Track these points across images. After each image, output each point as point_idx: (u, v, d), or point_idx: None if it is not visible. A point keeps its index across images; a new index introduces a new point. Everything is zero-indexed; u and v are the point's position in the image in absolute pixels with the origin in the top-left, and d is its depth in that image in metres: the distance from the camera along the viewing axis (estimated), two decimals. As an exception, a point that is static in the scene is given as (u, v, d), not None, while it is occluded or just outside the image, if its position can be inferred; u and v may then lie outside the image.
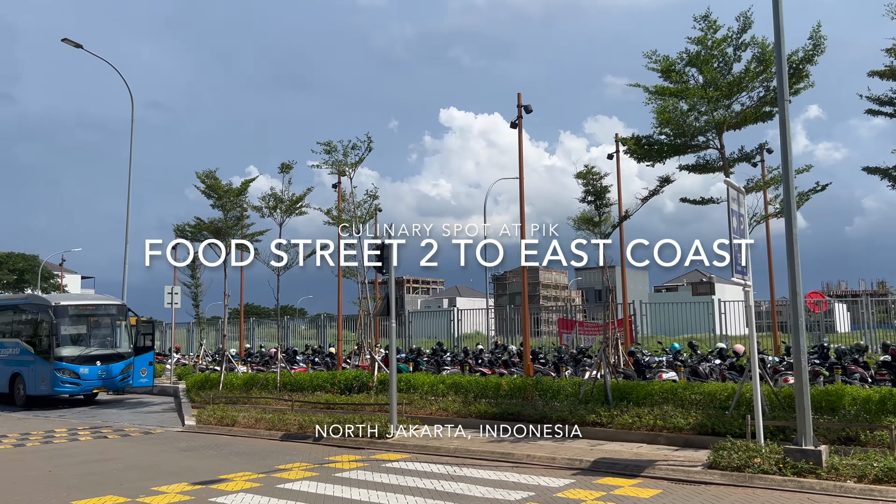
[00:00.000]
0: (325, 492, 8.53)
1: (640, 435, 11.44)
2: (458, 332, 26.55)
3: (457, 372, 18.70)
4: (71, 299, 21.46)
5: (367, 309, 19.39)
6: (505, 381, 14.57)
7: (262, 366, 24.10)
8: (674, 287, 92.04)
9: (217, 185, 21.43)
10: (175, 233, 22.71)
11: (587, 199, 13.58)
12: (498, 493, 8.32)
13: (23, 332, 20.86)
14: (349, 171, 17.87)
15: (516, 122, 15.59)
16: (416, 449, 11.43)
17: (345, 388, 16.82)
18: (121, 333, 21.06)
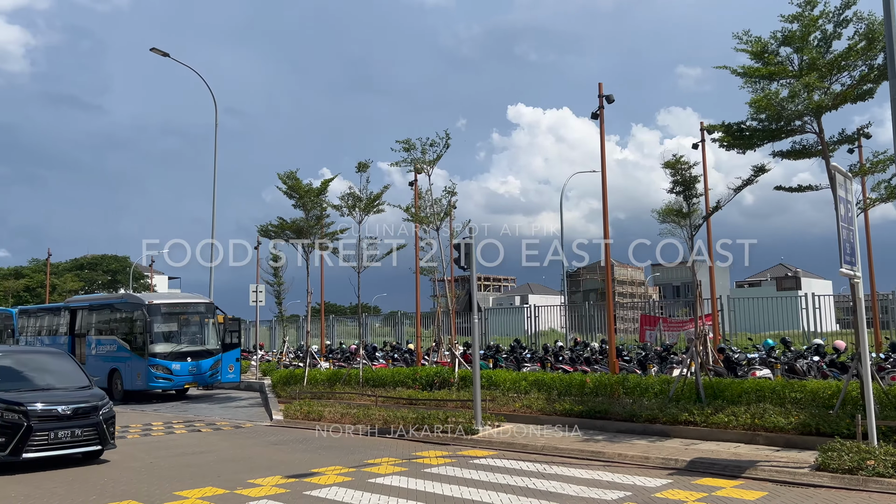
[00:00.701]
0: (416, 487, 8.51)
1: (736, 434, 10.96)
2: (535, 329, 26.23)
3: (537, 369, 18.47)
4: (163, 298, 22.34)
5: (446, 306, 19.39)
6: (590, 379, 14.27)
7: (344, 362, 24.50)
8: (757, 282, 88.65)
9: (298, 185, 21.87)
10: (259, 233, 23.35)
11: (675, 189, 13.12)
12: (593, 492, 8.11)
13: (119, 330, 21.87)
14: (427, 169, 17.89)
15: (597, 113, 15.23)
16: (502, 446, 11.31)
17: (426, 384, 16.87)
18: (209, 331, 21.80)
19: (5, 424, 9.85)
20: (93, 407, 10.58)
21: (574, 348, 21.22)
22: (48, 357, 12.37)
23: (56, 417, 10.17)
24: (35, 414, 10.01)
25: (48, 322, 25.77)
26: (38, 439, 9.93)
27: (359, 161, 19.44)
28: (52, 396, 10.58)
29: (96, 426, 10.47)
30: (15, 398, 10.19)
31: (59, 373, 11.57)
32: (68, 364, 12.06)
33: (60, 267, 59.55)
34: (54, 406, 10.28)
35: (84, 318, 23.56)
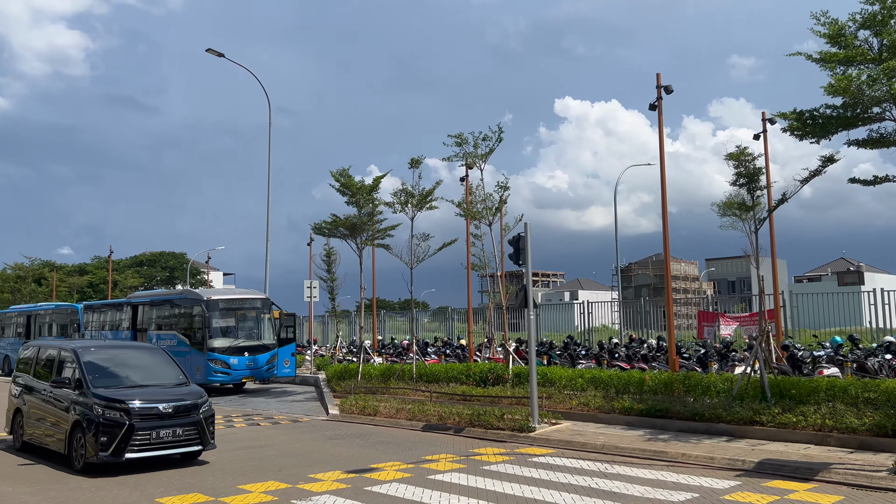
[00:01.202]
0: (475, 484, 8.44)
1: (805, 435, 10.56)
2: (587, 325, 25.87)
3: (592, 366, 18.21)
4: (221, 294, 22.79)
5: (498, 302, 19.25)
6: (649, 377, 13.97)
7: (396, 357, 24.63)
8: (816, 277, 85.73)
9: (351, 182, 22.03)
10: (313, 230, 23.63)
11: (739, 181, 12.70)
12: (658, 492, 7.90)
13: (178, 325, 22.41)
14: (479, 163, 17.78)
15: (655, 104, 14.87)
16: (560, 444, 11.15)
17: (480, 380, 16.80)
18: (265, 326, 22.16)
19: (106, 423, 9.37)
20: (193, 405, 10.04)
21: (629, 345, 20.85)
22: (143, 352, 11.97)
23: (157, 416, 9.66)
24: (136, 412, 9.51)
25: (111, 317, 26.61)
26: (140, 439, 9.43)
27: (411, 157, 19.48)
28: (152, 393, 10.04)
29: (197, 425, 9.93)
30: (115, 395, 9.70)
31: (155, 369, 11.04)
32: (164, 360, 11.47)
33: (121, 264, 61.57)
34: (155, 404, 9.74)
35: (145, 313, 24.24)
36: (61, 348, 11.19)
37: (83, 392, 9.84)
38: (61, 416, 10.12)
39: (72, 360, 10.55)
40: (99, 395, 9.65)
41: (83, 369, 10.16)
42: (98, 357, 10.73)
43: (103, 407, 9.49)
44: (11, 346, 32.50)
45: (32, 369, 11.66)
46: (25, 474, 9.60)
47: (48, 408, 10.58)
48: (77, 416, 9.67)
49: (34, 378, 11.41)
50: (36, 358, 11.76)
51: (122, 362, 10.96)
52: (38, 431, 10.81)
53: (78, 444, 9.62)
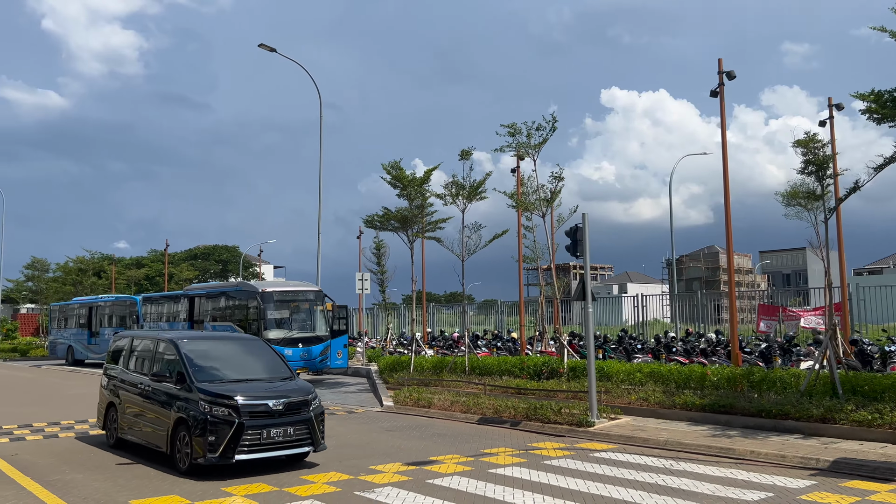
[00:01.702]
0: (539, 479, 8.30)
1: (881, 433, 10.10)
2: (641, 318, 25.37)
3: (649, 360, 17.84)
4: (275, 286, 23.09)
5: (553, 294, 19.02)
6: (710, 371, 13.59)
7: (446, 349, 24.61)
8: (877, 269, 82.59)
9: (402, 175, 22.06)
10: (365, 223, 23.77)
11: (807, 170, 12.21)
12: (730, 491, 7.63)
13: (234, 317, 22.80)
14: (532, 153, 17.54)
15: (717, 91, 14.41)
16: (620, 439, 10.92)
17: (534, 373, 16.61)
18: (318, 317, 22.36)
19: (214, 421, 8.51)
20: (303, 401, 9.17)
21: (686, 339, 20.37)
22: (243, 344, 10.93)
23: (267, 413, 8.80)
24: (245, 409, 8.65)
25: (168, 309, 27.27)
26: (250, 439, 8.58)
27: (461, 149, 19.36)
28: (259, 389, 9.17)
29: (308, 423, 9.06)
30: (222, 390, 8.86)
31: (258, 361, 10.16)
32: (265, 351, 10.61)
33: (176, 257, 63.20)
34: (264, 400, 8.85)
35: (201, 305, 24.74)
36: (158, 339, 10.44)
37: (186, 387, 9.06)
38: (162, 412, 9.37)
39: (171, 351, 9.81)
40: (204, 391, 8.82)
41: (185, 362, 9.37)
42: (198, 348, 9.92)
43: (209, 403, 8.67)
44: (75, 336, 33.66)
45: (126, 361, 10.98)
46: (127, 476, 8.77)
47: (146, 403, 9.84)
48: (180, 412, 8.91)
49: (128, 370, 10.75)
50: (129, 349, 11.09)
51: (223, 354, 10.16)
52: (135, 428, 10.10)
53: (182, 443, 8.84)
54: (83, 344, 32.62)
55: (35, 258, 49.52)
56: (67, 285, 46.13)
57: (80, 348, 32.76)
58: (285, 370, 10.11)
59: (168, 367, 9.68)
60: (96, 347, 31.77)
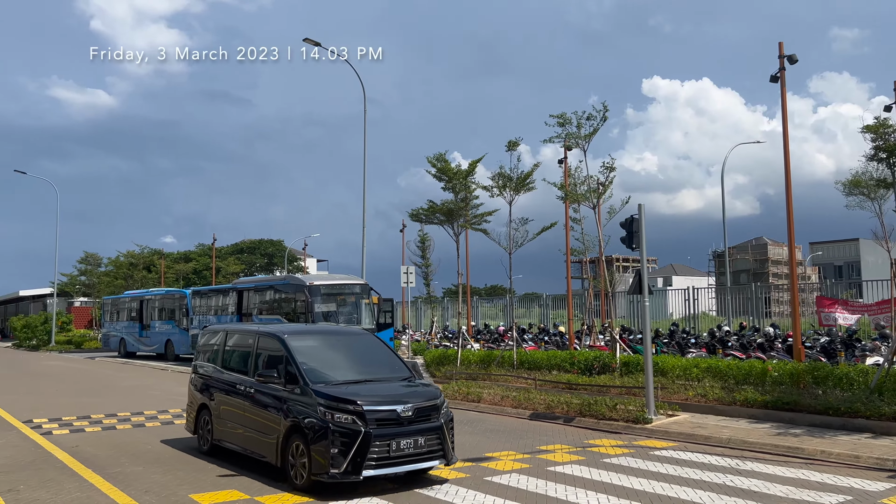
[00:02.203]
0: (600, 478, 8.06)
1: (961, 434, 9.57)
2: (692, 311, 24.75)
3: (703, 355, 17.37)
4: (322, 279, 23.18)
5: (606, 287, 18.66)
6: (772, 367, 13.11)
7: (492, 343, 24.41)
8: (935, 261, 79.48)
9: (447, 167, 21.85)
10: (410, 217, 23.65)
11: (877, 156, 11.64)
12: (804, 493, 7.28)
13: (281, 310, 22.96)
14: (582, 144, 17.15)
15: (777, 76, 13.85)
16: (680, 437, 10.59)
17: (585, 368, 16.30)
18: (364, 310, 22.38)
19: (338, 430, 7.28)
20: (433, 406, 7.89)
21: (740, 333, 19.78)
22: (352, 338, 9.63)
23: (395, 421, 7.53)
24: (372, 416, 7.42)
25: (217, 302, 27.64)
26: (378, 451, 7.32)
27: (509, 140, 19.07)
28: (382, 391, 7.97)
29: (438, 432, 7.75)
30: (342, 393, 7.65)
31: (373, 359, 9.00)
32: (379, 347, 9.40)
33: (223, 251, 64.22)
34: (391, 405, 7.62)
35: (249, 298, 25.00)
36: (258, 333, 9.22)
37: (299, 389, 7.89)
38: (269, 417, 8.18)
39: (275, 347, 8.65)
40: (322, 394, 7.62)
41: (294, 360, 8.19)
42: (306, 344, 8.74)
43: (329, 409, 7.45)
44: (126, 329, 34.44)
45: (220, 358, 9.82)
46: (187, 469, 8.64)
47: (249, 406, 8.66)
48: (294, 418, 7.70)
49: (223, 369, 9.63)
50: (223, 344, 9.92)
51: (334, 351, 9.00)
52: (234, 434, 8.97)
53: (297, 454, 7.63)
54: (135, 336, 33.35)
55: (88, 253, 50.94)
56: (119, 279, 47.27)
57: (132, 341, 33.50)
58: (404, 369, 8.82)
59: (273, 366, 8.46)
60: (147, 340, 32.46)
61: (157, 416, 13.33)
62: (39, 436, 11.25)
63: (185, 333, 29.08)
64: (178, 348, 29.66)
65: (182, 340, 29.35)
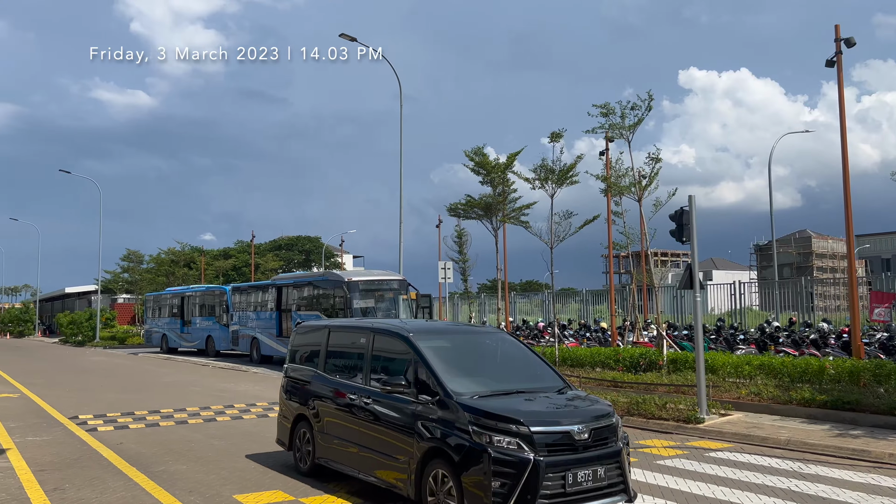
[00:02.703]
0: (655, 481, 7.72)
1: None
2: (739, 306, 24.03)
3: (753, 352, 16.80)
4: (360, 275, 23.11)
5: (652, 282, 18.18)
6: (829, 364, 12.55)
7: (532, 339, 24.06)
8: None
9: (485, 161, 21.58)
10: (448, 212, 23.46)
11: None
12: (877, 500, 6.85)
13: (320, 306, 22.94)
14: (627, 134, 16.71)
15: (834, 60, 13.26)
16: (735, 438, 10.15)
17: (630, 365, 15.87)
18: (402, 306, 22.22)
19: (499, 457, 5.66)
20: (609, 427, 6.19)
21: (790, 329, 19.11)
22: (487, 337, 7.88)
23: (569, 446, 5.86)
24: (542, 439, 5.76)
25: (256, 298, 27.79)
26: (552, 485, 5.68)
27: (552, 131, 18.73)
28: (546, 406, 6.28)
29: (617, 460, 6.09)
30: (498, 408, 5.96)
31: (516, 363, 7.37)
32: (519, 349, 7.65)
33: (261, 248, 64.95)
34: (564, 426, 5.94)
35: (288, 294, 25.05)
36: (375, 330, 7.63)
37: (439, 401, 6.22)
38: (396, 437, 6.61)
39: (400, 349, 7.09)
40: (472, 408, 5.96)
41: (429, 365, 6.55)
42: (437, 345, 7.07)
43: (485, 429, 5.80)
44: (168, 325, 34.92)
45: (322, 360, 8.28)
46: (230, 468, 8.40)
47: (366, 420, 7.09)
48: (433, 439, 6.12)
49: (326, 373, 8.11)
50: (325, 343, 8.36)
51: (469, 354, 7.41)
52: (346, 453, 7.39)
53: (440, 486, 6.05)
54: (176, 333, 33.80)
55: (130, 250, 51.91)
56: (160, 276, 48.08)
57: (174, 337, 33.96)
58: (553, 375, 7.16)
59: (398, 372, 6.97)
60: (188, 336, 32.87)
61: (200, 413, 13.33)
62: (85, 432, 11.31)
63: (225, 329, 29.34)
64: (219, 344, 29.94)
65: (222, 336, 29.62)
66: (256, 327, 26.66)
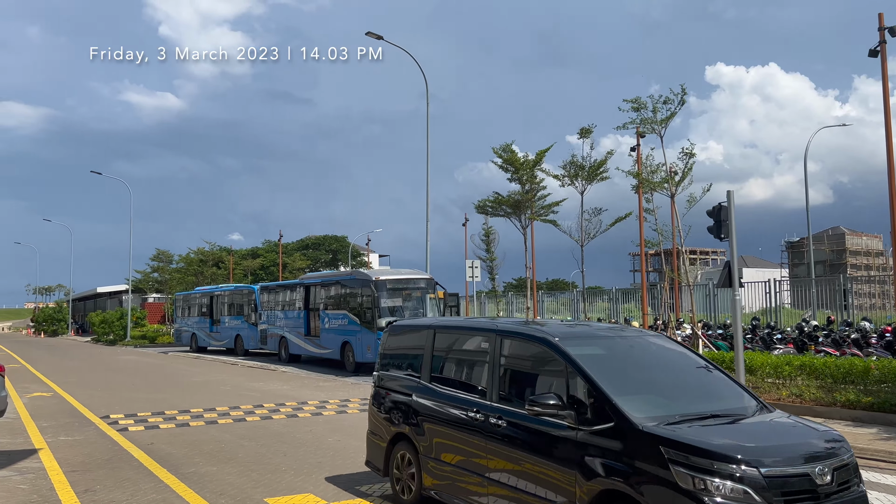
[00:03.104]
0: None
1: None
2: (775, 304, 23.46)
3: (790, 351, 16.33)
4: (388, 274, 22.98)
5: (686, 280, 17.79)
6: (875, 365, 12.10)
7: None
8: None
9: (514, 157, 21.33)
10: (476, 209, 23.23)
11: None
12: (937, 510, 6.50)
13: (348, 304, 22.86)
14: (659, 129, 16.35)
15: (877, 50, 12.80)
16: (778, 441, 9.78)
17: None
18: (430, 305, 22.05)
19: None
20: (850, 466, 4.79)
21: (828, 328, 18.56)
22: (645, 342, 6.15)
23: (810, 495, 4.43)
24: (776, 484, 4.34)
25: (284, 297, 27.84)
26: None
27: (581, 126, 18.43)
28: (762, 437, 4.83)
29: None
30: (712, 441, 4.52)
31: (691, 378, 5.75)
32: (684, 357, 6.01)
33: (289, 247, 65.39)
34: (800, 465, 4.50)
35: (316, 293, 25.03)
36: (501, 333, 6.06)
37: (613, 429, 4.75)
38: (547, 471, 5.14)
39: (543, 357, 5.60)
40: (667, 441, 4.51)
41: (591, 380, 5.03)
42: (591, 353, 5.50)
43: (692, 470, 4.35)
44: (197, 324, 35.19)
45: (426, 368, 6.78)
46: (261, 470, 8.28)
47: (498, 449, 5.58)
48: (610, 480, 4.67)
49: (433, 385, 6.60)
50: (430, 348, 6.85)
51: (634, 365, 5.79)
52: (468, 488, 5.93)
53: None
54: (205, 332, 34.04)
55: (159, 250, 52.41)
56: (189, 275, 48.50)
57: (203, 336, 34.21)
58: (740, 391, 5.70)
59: (539, 385, 5.61)
60: (217, 335, 33.08)
61: (229, 413, 13.29)
62: (116, 432, 11.31)
63: (253, 328, 29.46)
64: (247, 343, 30.07)
65: (251, 335, 29.75)
66: (285, 326, 26.70)
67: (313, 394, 16.28)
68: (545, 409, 5.07)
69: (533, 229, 24.38)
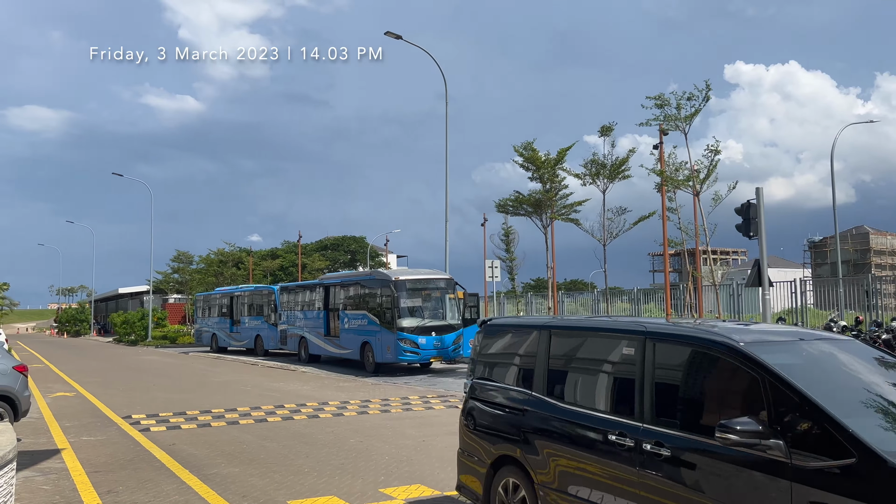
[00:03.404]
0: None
1: None
2: (800, 304, 23.04)
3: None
4: (408, 274, 22.86)
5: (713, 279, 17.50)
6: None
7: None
8: None
9: (535, 156, 21.15)
10: (497, 209, 23.07)
11: None
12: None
13: (368, 305, 22.77)
14: (683, 126, 16.10)
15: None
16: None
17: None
18: (450, 306, 21.91)
19: None
20: None
21: (857, 328, 18.16)
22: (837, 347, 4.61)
23: None
24: None
25: (304, 297, 27.84)
26: None
27: (602, 124, 18.22)
28: None
29: None
30: None
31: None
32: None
33: (308, 248, 65.59)
34: None
35: (336, 293, 24.98)
36: (655, 336, 4.73)
37: (853, 468, 3.42)
38: None
39: (724, 366, 4.25)
40: None
41: (812, 401, 3.72)
42: (790, 362, 4.19)
43: None
44: (218, 325, 35.35)
45: (541, 378, 5.48)
46: (283, 472, 8.27)
47: (659, 482, 4.30)
48: None
49: (552, 398, 5.33)
50: (545, 353, 5.54)
51: (847, 380, 4.41)
52: None
53: None
54: (225, 332, 34.17)
55: (180, 251, 52.91)
56: (209, 276, 48.82)
57: (223, 336, 34.34)
58: None
59: (710, 404, 4.36)
60: (238, 335, 33.19)
61: (250, 413, 13.24)
62: (138, 432, 11.30)
63: (273, 329, 29.50)
64: (267, 343, 30.12)
65: (271, 335, 29.80)
66: (304, 326, 26.69)
67: (334, 394, 16.21)
68: (742, 435, 3.76)
69: (553, 228, 24.21)
